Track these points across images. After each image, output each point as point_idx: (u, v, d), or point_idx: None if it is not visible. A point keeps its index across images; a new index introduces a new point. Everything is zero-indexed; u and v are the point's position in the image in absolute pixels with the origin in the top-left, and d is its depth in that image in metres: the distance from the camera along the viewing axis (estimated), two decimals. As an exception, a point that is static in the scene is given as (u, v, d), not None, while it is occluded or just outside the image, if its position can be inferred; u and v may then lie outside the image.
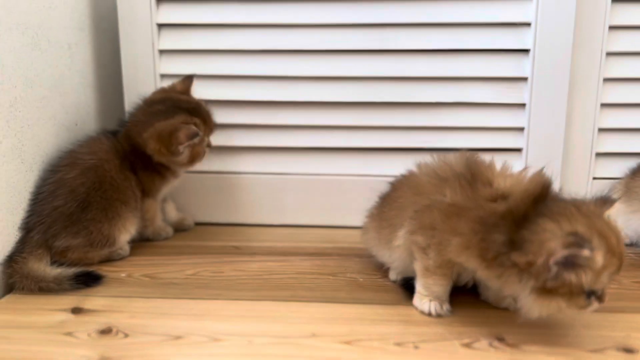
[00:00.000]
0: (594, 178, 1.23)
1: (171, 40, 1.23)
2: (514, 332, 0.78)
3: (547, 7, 1.13)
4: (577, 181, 1.23)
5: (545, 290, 0.68)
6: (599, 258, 0.66)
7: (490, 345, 0.75)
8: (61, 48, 1.13)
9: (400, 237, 0.85)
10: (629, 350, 0.74)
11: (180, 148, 1.08)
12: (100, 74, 1.29)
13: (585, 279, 0.67)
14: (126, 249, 1.09)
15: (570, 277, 0.67)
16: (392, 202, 0.92)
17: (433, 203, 0.80)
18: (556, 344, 0.75)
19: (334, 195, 1.26)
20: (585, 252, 0.64)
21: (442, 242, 0.78)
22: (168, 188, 1.19)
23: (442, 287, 0.83)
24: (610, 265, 0.67)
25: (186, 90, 1.15)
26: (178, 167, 1.14)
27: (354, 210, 1.18)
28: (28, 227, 0.99)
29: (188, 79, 1.16)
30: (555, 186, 0.77)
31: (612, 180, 1.20)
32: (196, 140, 1.08)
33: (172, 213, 1.26)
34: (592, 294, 0.70)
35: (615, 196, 0.77)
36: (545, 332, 0.79)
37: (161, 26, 1.23)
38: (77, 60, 1.19)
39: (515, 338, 0.77)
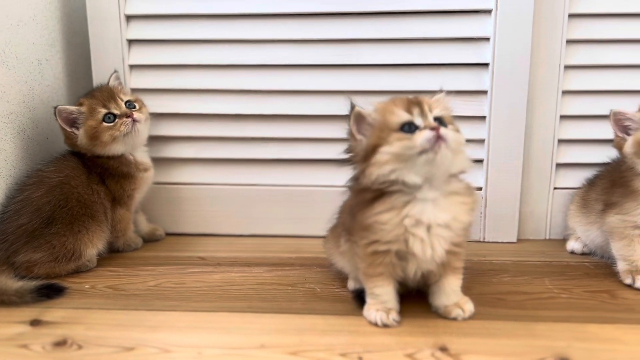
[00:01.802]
0: (555, 188, 1.25)
1: (141, 55, 1.26)
2: (458, 342, 0.80)
3: (504, 22, 1.16)
4: (539, 191, 1.25)
5: (374, 150, 0.79)
6: (375, 105, 0.82)
7: (432, 355, 0.77)
8: (31, 64, 1.16)
9: (342, 244, 0.90)
10: (566, 360, 0.76)
11: (72, 131, 1.12)
12: (72, 88, 1.32)
13: (375, 117, 0.80)
14: (93, 260, 1.11)
15: (367, 128, 0.80)
16: (339, 212, 0.97)
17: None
18: (497, 353, 0.77)
19: (302, 206, 1.29)
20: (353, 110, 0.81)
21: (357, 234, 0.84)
22: (140, 192, 1.21)
23: (383, 288, 0.85)
24: (393, 105, 0.80)
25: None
26: (99, 149, 1.13)
27: (321, 220, 1.21)
28: None
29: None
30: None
31: (572, 190, 1.23)
32: (80, 118, 1.12)
33: (143, 224, 1.29)
34: (411, 128, 0.77)
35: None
36: (488, 342, 0.81)
37: (131, 42, 1.26)
38: (48, 75, 1.22)
39: (458, 348, 0.79)
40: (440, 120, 0.79)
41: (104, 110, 1.12)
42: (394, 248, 0.81)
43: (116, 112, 1.13)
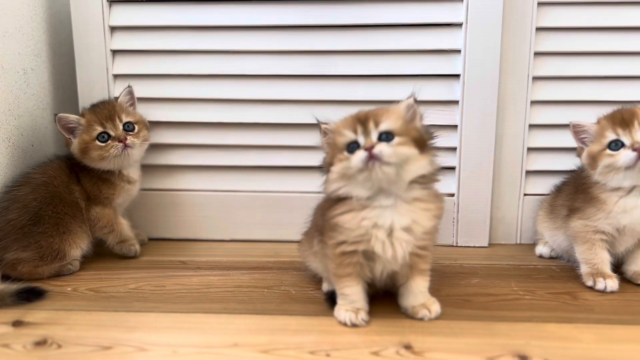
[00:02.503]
0: (525, 194, 1.30)
1: (125, 65, 1.30)
2: (423, 341, 0.84)
3: (475, 35, 1.21)
4: (509, 197, 1.30)
5: (329, 167, 0.86)
6: (330, 125, 0.88)
7: (397, 353, 0.81)
8: (16, 74, 1.19)
9: (315, 245, 0.95)
10: (522, 357, 0.80)
11: (69, 138, 1.16)
12: (57, 96, 1.36)
13: (331, 136, 0.87)
14: (76, 264, 1.14)
15: (327, 145, 0.88)
16: (313, 214, 1.02)
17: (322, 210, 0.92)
18: (458, 351, 0.82)
19: (280, 212, 1.33)
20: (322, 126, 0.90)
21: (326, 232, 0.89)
22: (120, 199, 1.22)
23: (352, 288, 0.89)
24: (342, 126, 0.85)
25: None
26: (88, 162, 1.16)
27: (299, 225, 1.25)
28: None
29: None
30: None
31: (541, 197, 1.27)
32: (78, 129, 1.15)
33: (127, 230, 1.31)
34: (355, 147, 0.83)
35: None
36: (451, 340, 0.85)
37: (115, 52, 1.30)
38: (33, 84, 1.26)
39: (422, 346, 0.83)
40: (387, 134, 0.82)
41: (99, 129, 1.14)
42: (360, 248, 0.85)
43: (111, 133, 1.15)
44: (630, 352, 0.81)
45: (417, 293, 0.92)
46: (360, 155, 0.80)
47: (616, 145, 0.99)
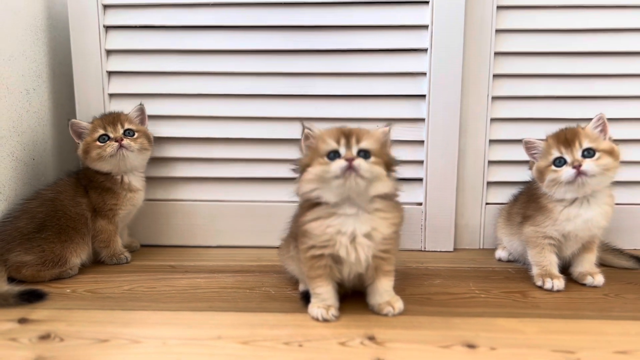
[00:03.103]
0: (487, 203, 1.42)
1: (119, 85, 1.41)
2: (385, 333, 0.95)
3: (438, 59, 1.33)
4: (472, 206, 1.42)
5: (306, 168, 0.96)
6: (315, 131, 0.98)
7: (361, 343, 0.92)
8: (20, 94, 1.30)
9: (291, 250, 1.06)
10: (471, 346, 0.91)
11: (78, 142, 1.29)
12: (57, 113, 1.46)
13: (313, 142, 0.97)
14: (75, 269, 1.24)
15: (307, 149, 0.98)
16: (290, 222, 1.12)
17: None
18: (416, 341, 0.93)
19: (263, 220, 1.44)
20: (306, 130, 0.99)
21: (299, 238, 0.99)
22: (124, 210, 1.31)
23: (323, 288, 1.00)
24: (326, 135, 0.95)
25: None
26: (89, 163, 1.28)
27: (279, 232, 1.35)
28: None
29: None
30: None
31: (501, 205, 1.39)
32: (85, 134, 1.28)
33: (124, 237, 1.41)
34: (335, 155, 0.93)
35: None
36: (410, 332, 0.96)
37: (111, 73, 1.41)
38: (35, 103, 1.36)
39: (384, 337, 0.94)
40: (365, 152, 0.93)
41: (101, 131, 1.27)
42: (327, 252, 0.97)
43: (111, 135, 1.27)
44: (565, 341, 0.93)
45: (382, 292, 1.03)
46: (340, 163, 0.91)
47: (560, 162, 1.12)
